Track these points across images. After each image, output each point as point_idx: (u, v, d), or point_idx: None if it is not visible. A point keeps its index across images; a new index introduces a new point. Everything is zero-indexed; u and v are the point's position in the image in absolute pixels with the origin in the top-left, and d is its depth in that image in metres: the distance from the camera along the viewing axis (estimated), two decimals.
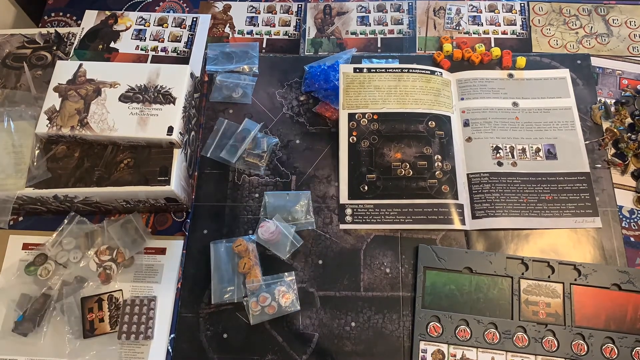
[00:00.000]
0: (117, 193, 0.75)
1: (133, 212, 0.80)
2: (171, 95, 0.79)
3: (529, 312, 0.72)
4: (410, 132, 0.83)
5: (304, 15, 0.97)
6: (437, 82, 0.87)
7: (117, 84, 0.80)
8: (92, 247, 0.78)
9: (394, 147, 0.82)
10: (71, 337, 0.73)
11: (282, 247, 0.77)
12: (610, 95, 0.88)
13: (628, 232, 0.78)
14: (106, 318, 0.74)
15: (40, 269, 0.76)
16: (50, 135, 0.77)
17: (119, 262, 0.77)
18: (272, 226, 0.76)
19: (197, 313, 0.75)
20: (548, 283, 0.73)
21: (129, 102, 0.79)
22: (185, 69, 0.81)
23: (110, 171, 0.76)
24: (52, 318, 0.75)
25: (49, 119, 0.77)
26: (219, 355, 0.72)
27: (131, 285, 0.77)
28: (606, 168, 0.82)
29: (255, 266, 0.75)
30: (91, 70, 0.82)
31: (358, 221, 0.79)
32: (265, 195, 0.81)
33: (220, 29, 0.97)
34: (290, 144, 0.85)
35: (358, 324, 0.73)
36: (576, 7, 0.96)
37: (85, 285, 0.76)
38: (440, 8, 0.97)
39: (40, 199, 0.76)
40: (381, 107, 0.85)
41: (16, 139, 0.79)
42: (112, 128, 0.76)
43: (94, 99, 0.79)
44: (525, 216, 0.78)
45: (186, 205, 0.80)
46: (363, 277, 0.76)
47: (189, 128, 0.82)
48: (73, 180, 0.76)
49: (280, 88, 0.90)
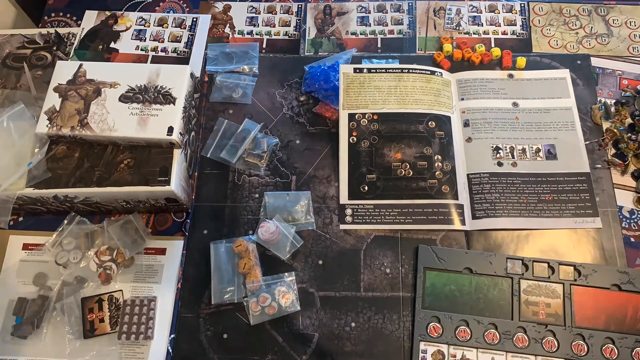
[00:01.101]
0: (117, 193, 0.75)
1: (133, 213, 0.80)
2: (171, 95, 0.79)
3: (529, 312, 0.72)
4: (410, 132, 0.83)
5: (304, 15, 0.97)
6: (437, 83, 0.87)
7: (117, 84, 0.80)
8: (92, 247, 0.78)
9: (394, 147, 0.82)
10: (71, 338, 0.73)
11: (282, 248, 0.77)
12: (610, 96, 0.88)
13: (628, 233, 0.78)
14: (106, 318, 0.74)
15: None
16: (50, 135, 0.77)
17: (119, 262, 0.77)
18: (272, 226, 0.76)
19: (197, 313, 0.75)
20: (548, 283, 0.73)
21: (129, 102, 0.79)
22: (185, 69, 0.81)
23: (110, 171, 0.76)
24: (52, 318, 0.75)
25: (49, 119, 0.77)
26: (219, 355, 0.72)
27: (131, 285, 0.77)
28: (606, 168, 0.82)
29: (255, 266, 0.75)
30: (91, 71, 0.82)
31: (358, 221, 0.79)
32: (265, 196, 0.81)
33: (220, 29, 0.97)
34: (290, 144, 0.85)
35: (358, 324, 0.73)
36: (576, 8, 0.96)
37: (85, 285, 0.76)
38: (440, 8, 0.97)
39: (40, 199, 0.76)
40: (381, 108, 0.85)
41: (16, 139, 0.79)
42: (112, 128, 0.76)
43: (94, 99, 0.79)
44: (525, 216, 0.78)
45: (186, 205, 0.80)
46: (363, 277, 0.76)
47: (189, 128, 0.82)
48: (73, 180, 0.76)
49: (280, 88, 0.90)
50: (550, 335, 0.70)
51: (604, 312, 0.71)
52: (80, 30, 0.94)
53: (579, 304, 0.72)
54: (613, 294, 0.72)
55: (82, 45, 0.93)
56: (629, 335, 0.70)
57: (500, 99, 0.87)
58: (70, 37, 0.94)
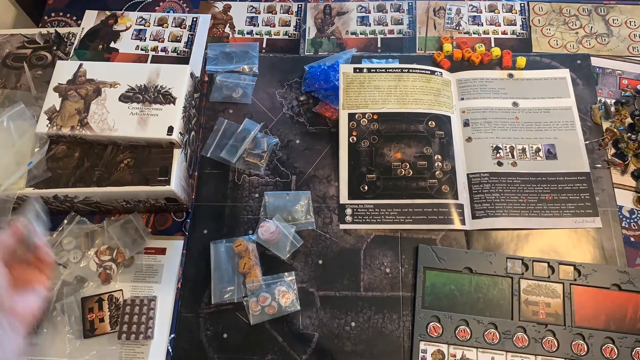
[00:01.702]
0: (117, 193, 0.75)
1: (133, 212, 0.80)
2: (171, 95, 0.79)
3: (529, 312, 0.72)
4: (410, 132, 0.83)
5: (304, 15, 0.97)
6: (437, 82, 0.87)
7: (117, 84, 0.80)
8: (92, 247, 0.78)
9: (394, 147, 0.82)
10: (71, 337, 0.73)
11: (282, 247, 0.77)
12: (610, 95, 0.88)
13: (628, 232, 0.78)
14: (106, 318, 0.74)
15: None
16: (50, 135, 0.77)
17: (119, 262, 0.77)
18: (272, 226, 0.76)
19: (197, 313, 0.75)
20: (548, 283, 0.73)
21: (129, 102, 0.79)
22: (185, 69, 0.81)
23: (110, 171, 0.76)
24: (52, 318, 0.75)
25: (49, 119, 0.77)
26: (219, 355, 0.72)
27: (131, 285, 0.77)
28: (606, 168, 0.82)
29: (255, 266, 0.75)
30: (91, 70, 0.82)
31: (358, 221, 0.79)
32: (265, 195, 0.81)
33: (220, 29, 0.97)
34: (290, 144, 0.85)
35: (358, 324, 0.73)
36: (576, 7, 0.96)
37: (85, 285, 0.76)
38: (440, 8, 0.97)
39: (40, 198, 0.76)
40: (381, 107, 0.85)
41: (16, 139, 0.79)
42: (112, 128, 0.76)
43: (94, 99, 0.79)
44: (526, 216, 0.78)
45: (186, 205, 0.80)
46: (363, 277, 0.76)
47: (189, 128, 0.82)
48: (73, 180, 0.76)
49: (280, 88, 0.90)
50: (550, 335, 0.70)
51: (603, 311, 0.71)
52: (80, 30, 0.94)
53: (579, 304, 0.72)
54: (613, 294, 0.72)
55: (82, 45, 0.93)
56: (629, 334, 0.70)
57: (500, 98, 0.87)
58: (70, 37, 0.94)
